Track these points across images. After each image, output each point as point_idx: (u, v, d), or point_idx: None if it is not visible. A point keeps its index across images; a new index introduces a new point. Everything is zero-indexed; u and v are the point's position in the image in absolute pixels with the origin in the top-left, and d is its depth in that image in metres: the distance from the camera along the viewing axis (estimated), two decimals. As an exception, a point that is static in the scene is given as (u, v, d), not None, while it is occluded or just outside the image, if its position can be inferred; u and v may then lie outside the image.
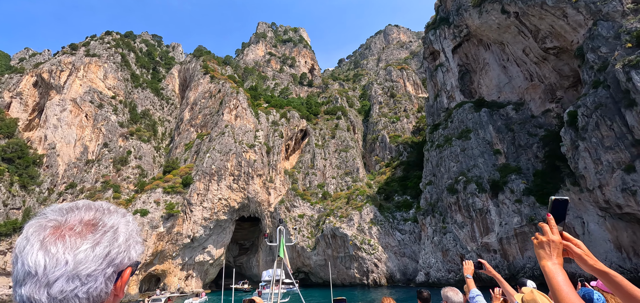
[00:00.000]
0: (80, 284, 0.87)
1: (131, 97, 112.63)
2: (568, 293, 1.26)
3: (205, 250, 75.62)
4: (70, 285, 0.87)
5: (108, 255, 0.93)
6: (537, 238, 1.51)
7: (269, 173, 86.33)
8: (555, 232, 1.49)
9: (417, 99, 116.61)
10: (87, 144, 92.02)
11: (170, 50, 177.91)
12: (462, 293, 4.56)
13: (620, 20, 36.94)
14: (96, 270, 0.90)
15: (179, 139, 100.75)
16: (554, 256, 1.42)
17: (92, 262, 0.90)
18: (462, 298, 4.29)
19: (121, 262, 0.96)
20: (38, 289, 0.85)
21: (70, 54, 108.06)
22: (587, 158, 35.17)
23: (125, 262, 0.98)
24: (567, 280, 1.32)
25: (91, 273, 0.89)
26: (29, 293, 0.85)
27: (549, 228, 1.50)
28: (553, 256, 1.42)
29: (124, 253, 0.98)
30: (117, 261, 0.95)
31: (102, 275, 0.91)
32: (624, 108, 32.86)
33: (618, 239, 33.61)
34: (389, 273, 57.79)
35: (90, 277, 0.89)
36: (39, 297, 0.85)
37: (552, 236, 1.47)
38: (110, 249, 0.94)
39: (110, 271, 0.93)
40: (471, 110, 56.56)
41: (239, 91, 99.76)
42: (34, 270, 0.86)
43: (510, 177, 44.99)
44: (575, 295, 1.26)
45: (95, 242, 0.92)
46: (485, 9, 56.98)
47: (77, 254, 0.89)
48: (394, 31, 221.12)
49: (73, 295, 0.86)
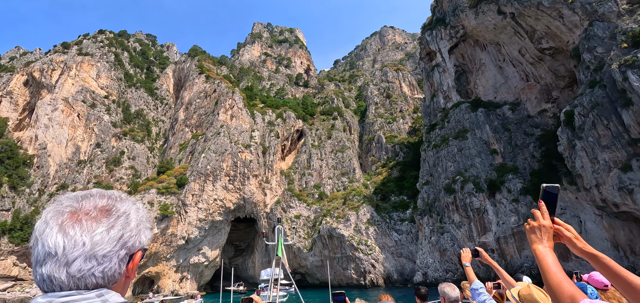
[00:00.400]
0: (97, 264, 0.97)
1: (124, 97, 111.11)
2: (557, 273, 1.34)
3: (200, 251, 74.62)
4: (88, 265, 0.96)
5: (121, 238, 1.02)
6: (529, 224, 1.58)
7: (265, 173, 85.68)
8: (546, 217, 1.56)
9: (412, 99, 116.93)
10: (79, 144, 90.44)
11: (164, 50, 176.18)
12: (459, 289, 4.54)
13: (615, 21, 37.26)
14: (111, 251, 0.99)
15: (173, 139, 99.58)
16: (544, 240, 1.49)
17: (108, 243, 0.99)
18: (459, 293, 4.28)
19: (133, 245, 1.06)
20: (58, 268, 0.94)
21: (62, 53, 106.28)
22: (584, 157, 35.33)
23: (137, 245, 1.08)
24: (556, 261, 1.41)
25: (106, 254, 0.98)
26: (50, 272, 0.94)
27: (540, 214, 1.58)
28: (544, 240, 1.49)
29: (136, 237, 1.07)
30: (129, 244, 1.05)
31: (116, 256, 1.00)
32: (620, 107, 33.07)
33: (615, 238, 33.78)
34: (386, 274, 57.55)
35: (106, 258, 0.98)
36: (59, 275, 0.94)
37: (544, 221, 1.54)
38: (123, 233, 1.03)
39: (123, 253, 1.03)
40: (468, 110, 56.70)
41: (234, 91, 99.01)
42: (54, 250, 0.95)
43: (507, 176, 45.11)
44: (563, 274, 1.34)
45: (109, 226, 1.01)
46: (481, 9, 57.24)
47: (93, 236, 0.98)
48: (390, 32, 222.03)
49: (90, 273, 0.96)
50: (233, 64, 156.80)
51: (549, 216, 1.57)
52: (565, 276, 1.32)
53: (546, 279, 1.37)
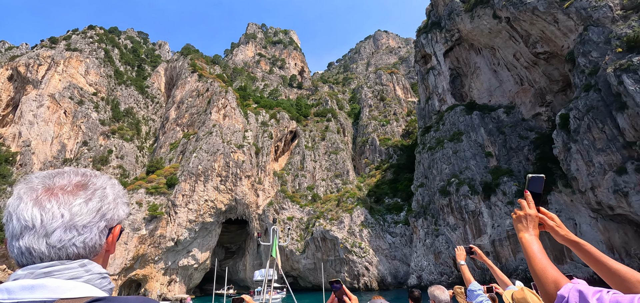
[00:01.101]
0: (77, 234, 0.98)
1: (114, 94, 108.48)
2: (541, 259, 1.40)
3: (189, 253, 72.74)
4: (68, 235, 0.96)
5: (100, 210, 1.03)
6: (516, 213, 1.64)
7: (258, 174, 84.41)
8: (532, 206, 1.62)
9: (406, 102, 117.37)
10: (65, 141, 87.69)
11: (156, 48, 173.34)
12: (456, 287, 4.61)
13: (610, 26, 37.67)
14: (90, 222, 1.01)
15: (163, 138, 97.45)
16: (530, 228, 1.56)
17: (87, 214, 1.00)
18: (448, 296, 4.35)
19: (112, 217, 1.07)
20: (37, 240, 0.94)
21: (50, 48, 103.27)
22: (579, 160, 35.45)
23: (115, 218, 1.09)
24: (541, 248, 1.46)
25: (86, 224, 1.00)
26: (28, 244, 0.94)
27: (526, 203, 1.64)
28: (529, 228, 1.56)
29: (114, 210, 1.08)
30: (108, 216, 1.06)
31: (95, 227, 1.01)
32: (615, 111, 33.28)
33: (610, 240, 33.89)
34: (380, 277, 56.92)
35: (86, 228, 0.99)
36: (39, 246, 0.94)
37: (529, 210, 1.60)
38: (101, 205, 1.04)
39: (102, 225, 1.04)
40: (463, 113, 56.79)
41: (227, 90, 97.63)
42: (31, 223, 0.94)
43: (502, 179, 45.12)
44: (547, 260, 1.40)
45: (87, 198, 1.02)
46: (477, 13, 57.56)
47: (72, 208, 0.98)
48: (383, 37, 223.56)
49: (71, 243, 0.96)
50: (226, 63, 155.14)
51: (534, 205, 1.62)
52: (549, 262, 1.37)
53: (531, 265, 1.42)
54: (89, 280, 0.96)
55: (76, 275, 0.94)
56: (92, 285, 0.96)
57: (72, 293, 0.90)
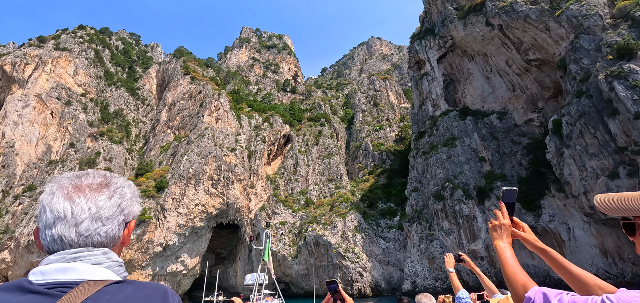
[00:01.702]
0: (101, 224, 1.16)
1: (103, 96, 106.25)
2: (513, 265, 1.52)
3: (178, 259, 70.90)
4: (94, 225, 1.15)
5: (120, 206, 1.22)
6: (491, 223, 1.81)
7: (250, 178, 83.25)
8: (506, 217, 1.78)
9: (399, 108, 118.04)
10: (50, 143, 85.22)
11: (148, 50, 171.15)
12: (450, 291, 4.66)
13: (600, 34, 38.39)
14: (112, 215, 1.19)
15: (154, 140, 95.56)
16: (504, 236, 1.71)
17: (110, 208, 1.19)
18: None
19: (129, 213, 1.25)
20: (68, 228, 1.13)
21: (38, 47, 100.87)
22: (572, 165, 35.73)
23: (131, 214, 1.27)
24: (513, 255, 1.60)
25: (109, 217, 1.18)
26: (60, 233, 1.12)
27: (501, 214, 1.79)
28: (503, 236, 1.71)
29: (131, 207, 1.26)
30: (126, 211, 1.24)
31: (116, 220, 1.20)
32: (606, 116, 33.71)
33: (603, 244, 34.07)
34: (374, 283, 56.26)
35: (109, 220, 1.18)
36: (69, 234, 1.13)
37: (503, 220, 1.76)
38: (121, 201, 1.22)
39: (121, 219, 1.22)
40: (456, 118, 57.08)
41: (221, 93, 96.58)
42: (63, 214, 1.13)
43: (496, 183, 45.25)
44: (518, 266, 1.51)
45: (110, 195, 1.21)
46: (470, 21, 58.28)
47: (97, 202, 1.17)
48: (377, 43, 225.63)
49: (96, 233, 1.15)
50: (220, 66, 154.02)
51: (508, 216, 1.78)
52: (520, 268, 1.50)
53: (504, 270, 1.54)
54: (110, 266, 1.14)
55: (99, 261, 1.13)
56: (112, 270, 1.14)
57: (96, 276, 1.09)
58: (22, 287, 1.01)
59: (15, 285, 1.02)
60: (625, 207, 1.23)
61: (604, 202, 1.31)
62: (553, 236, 37.17)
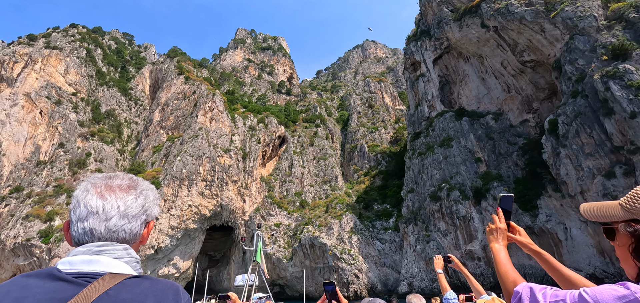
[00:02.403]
0: (128, 221, 1.27)
1: (95, 95, 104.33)
2: (506, 264, 1.65)
3: (170, 262, 69.51)
4: (121, 221, 1.26)
5: (144, 206, 1.33)
6: (489, 226, 1.93)
7: (245, 179, 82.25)
8: (502, 221, 1.89)
9: (394, 110, 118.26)
10: (39, 143, 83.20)
11: (142, 50, 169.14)
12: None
13: (595, 35, 38.71)
14: (137, 214, 1.30)
15: (146, 141, 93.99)
16: (500, 239, 1.83)
17: (136, 208, 1.30)
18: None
19: (150, 213, 1.36)
20: (99, 223, 1.24)
21: (28, 45, 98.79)
22: (569, 165, 35.79)
23: (152, 214, 1.38)
24: (507, 256, 1.73)
25: (134, 215, 1.29)
26: (92, 226, 1.23)
27: (498, 218, 1.91)
28: (499, 239, 1.83)
29: (152, 208, 1.37)
30: (148, 212, 1.35)
31: (139, 219, 1.31)
32: (602, 116, 33.86)
33: (600, 244, 34.07)
34: (370, 284, 55.71)
35: (134, 218, 1.29)
36: (99, 227, 1.23)
37: (500, 224, 1.88)
38: (145, 202, 1.33)
39: (143, 218, 1.33)
40: (452, 119, 57.11)
41: (215, 93, 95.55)
42: (95, 210, 1.24)
43: (492, 184, 45.20)
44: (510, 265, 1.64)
45: (136, 196, 1.32)
46: (465, 23, 58.55)
47: (126, 201, 1.28)
48: (371, 46, 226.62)
49: (122, 229, 1.25)
50: (214, 67, 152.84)
51: (505, 220, 1.89)
52: (512, 267, 1.62)
53: (498, 269, 1.67)
54: (128, 261, 1.23)
55: (120, 256, 1.22)
56: (130, 265, 1.23)
57: (117, 269, 1.18)
58: (52, 275, 1.10)
59: (45, 272, 1.11)
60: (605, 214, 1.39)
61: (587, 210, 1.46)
62: (550, 236, 37.13)
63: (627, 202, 1.31)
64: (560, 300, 1.21)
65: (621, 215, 1.31)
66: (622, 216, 1.31)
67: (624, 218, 1.31)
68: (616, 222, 1.35)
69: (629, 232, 1.29)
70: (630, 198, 1.31)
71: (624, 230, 1.30)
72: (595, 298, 1.14)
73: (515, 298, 1.42)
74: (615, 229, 1.37)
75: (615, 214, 1.34)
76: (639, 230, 1.26)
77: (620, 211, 1.32)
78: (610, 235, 1.41)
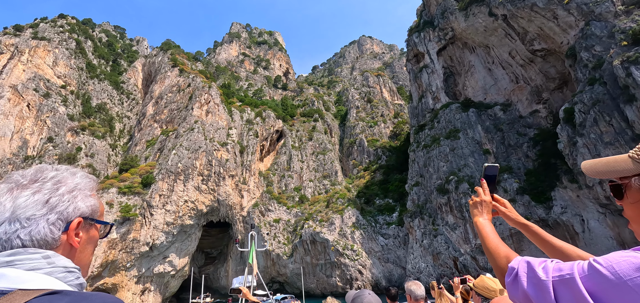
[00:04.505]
0: (20, 227, 0.97)
1: (85, 89, 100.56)
2: (494, 238, 1.54)
3: (166, 259, 66.85)
4: (12, 227, 0.97)
5: (48, 202, 1.02)
6: (472, 200, 1.81)
7: (242, 174, 79.84)
8: (487, 194, 1.79)
9: (393, 105, 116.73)
10: (27, 137, 79.59)
11: (134, 44, 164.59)
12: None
13: (613, 21, 37.33)
14: (35, 214, 0.99)
15: (139, 135, 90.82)
16: (484, 213, 1.73)
17: (31, 207, 0.99)
18: (423, 291, 4.61)
19: (65, 210, 1.04)
20: None
21: (14, 35, 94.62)
22: (586, 154, 34.38)
23: (71, 211, 1.05)
24: (493, 230, 1.63)
25: (30, 217, 0.99)
26: None
27: (482, 190, 1.80)
28: (484, 213, 1.73)
29: (68, 203, 1.05)
30: (60, 208, 1.03)
31: (43, 219, 1.00)
32: (623, 103, 32.48)
33: (620, 235, 32.81)
34: (375, 281, 54.02)
35: (30, 221, 0.98)
36: None
37: (485, 197, 1.77)
38: (49, 197, 1.02)
39: (53, 217, 1.01)
40: (458, 111, 55.56)
41: (211, 86, 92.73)
42: None
43: (503, 176, 43.75)
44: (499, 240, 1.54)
45: (35, 191, 1.02)
46: (471, 11, 56.92)
47: (16, 200, 0.99)
48: (368, 42, 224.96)
49: (15, 236, 0.97)
50: (209, 61, 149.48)
51: (489, 193, 1.79)
52: (500, 241, 1.50)
53: (485, 244, 1.55)
54: (51, 272, 0.95)
55: (36, 267, 0.94)
56: (54, 277, 0.94)
57: (31, 284, 0.89)
58: None
59: None
60: (612, 169, 1.24)
61: (591, 166, 1.30)
62: (565, 228, 35.78)
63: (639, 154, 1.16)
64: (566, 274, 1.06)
65: (632, 169, 1.16)
66: (633, 170, 1.16)
67: (635, 172, 1.16)
68: (626, 177, 1.19)
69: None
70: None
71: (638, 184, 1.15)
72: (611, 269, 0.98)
73: (511, 276, 1.24)
74: (624, 186, 1.21)
75: (626, 168, 1.18)
76: None
77: (631, 164, 1.16)
78: (617, 193, 1.25)
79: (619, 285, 0.94)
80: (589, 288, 0.99)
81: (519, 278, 1.19)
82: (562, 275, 1.07)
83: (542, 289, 1.08)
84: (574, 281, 1.02)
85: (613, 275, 0.96)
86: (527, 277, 1.16)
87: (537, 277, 1.12)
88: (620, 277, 0.95)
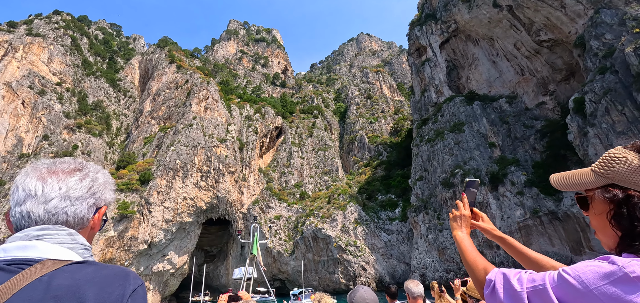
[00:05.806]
0: (70, 204, 1.15)
1: (81, 86, 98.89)
2: (472, 252, 1.57)
3: (165, 257, 65.63)
4: (63, 204, 1.15)
5: (91, 189, 1.21)
6: (452, 213, 1.83)
7: (242, 170, 78.62)
8: (466, 208, 1.82)
9: (392, 101, 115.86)
10: (22, 135, 78.04)
11: (130, 41, 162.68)
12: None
13: (624, 8, 36.48)
14: (82, 196, 1.18)
15: (137, 132, 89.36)
16: (463, 227, 1.76)
17: (80, 190, 1.18)
18: (422, 289, 4.75)
19: (100, 197, 1.24)
20: (37, 205, 1.12)
21: (8, 32, 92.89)
22: (598, 144, 33.52)
23: (103, 199, 1.26)
24: (472, 244, 1.65)
25: (79, 197, 1.17)
26: (29, 209, 1.12)
27: (462, 205, 1.83)
28: (462, 227, 1.76)
29: (102, 192, 1.25)
30: (97, 195, 1.23)
31: (86, 202, 1.18)
32: (635, 91, 31.63)
33: (635, 229, 31.92)
34: (379, 277, 53.07)
35: (78, 200, 1.17)
36: (37, 210, 1.12)
37: (464, 211, 1.80)
38: (92, 184, 1.21)
39: (91, 202, 1.20)
40: (463, 104, 54.64)
41: (209, 81, 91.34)
42: (33, 192, 1.13)
43: (509, 169, 42.84)
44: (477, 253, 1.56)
45: (82, 178, 1.20)
46: (475, 3, 55.96)
47: (68, 183, 1.17)
48: (366, 39, 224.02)
49: (63, 211, 1.14)
50: (206, 58, 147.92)
51: (469, 207, 1.83)
52: (479, 254, 1.53)
53: (464, 258, 1.57)
54: (73, 247, 1.11)
55: (62, 241, 1.10)
56: (75, 252, 1.11)
57: (57, 255, 1.06)
58: None
59: None
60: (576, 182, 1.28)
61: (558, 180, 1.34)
62: (576, 221, 34.93)
63: (600, 168, 1.19)
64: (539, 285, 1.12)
65: (594, 182, 1.20)
66: (595, 183, 1.20)
67: (598, 184, 1.19)
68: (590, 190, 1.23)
69: (607, 198, 1.17)
70: (604, 163, 1.19)
71: (601, 196, 1.18)
72: (578, 278, 1.04)
73: (488, 288, 1.28)
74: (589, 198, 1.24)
75: (588, 181, 1.22)
76: (618, 195, 1.14)
77: (593, 177, 1.20)
78: (583, 205, 1.29)
79: (585, 294, 1.00)
80: (560, 297, 1.06)
81: (496, 290, 1.23)
82: (535, 286, 1.12)
83: (517, 300, 1.14)
84: (546, 291, 1.08)
85: (580, 284, 1.02)
86: (503, 289, 1.20)
87: (513, 289, 1.16)
88: (587, 285, 1.01)
